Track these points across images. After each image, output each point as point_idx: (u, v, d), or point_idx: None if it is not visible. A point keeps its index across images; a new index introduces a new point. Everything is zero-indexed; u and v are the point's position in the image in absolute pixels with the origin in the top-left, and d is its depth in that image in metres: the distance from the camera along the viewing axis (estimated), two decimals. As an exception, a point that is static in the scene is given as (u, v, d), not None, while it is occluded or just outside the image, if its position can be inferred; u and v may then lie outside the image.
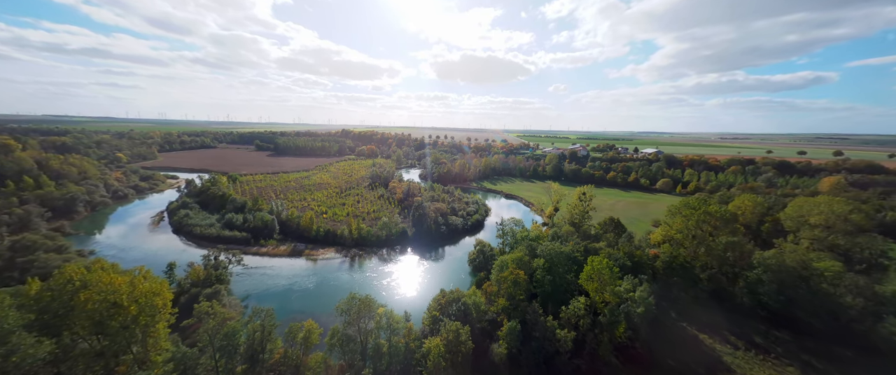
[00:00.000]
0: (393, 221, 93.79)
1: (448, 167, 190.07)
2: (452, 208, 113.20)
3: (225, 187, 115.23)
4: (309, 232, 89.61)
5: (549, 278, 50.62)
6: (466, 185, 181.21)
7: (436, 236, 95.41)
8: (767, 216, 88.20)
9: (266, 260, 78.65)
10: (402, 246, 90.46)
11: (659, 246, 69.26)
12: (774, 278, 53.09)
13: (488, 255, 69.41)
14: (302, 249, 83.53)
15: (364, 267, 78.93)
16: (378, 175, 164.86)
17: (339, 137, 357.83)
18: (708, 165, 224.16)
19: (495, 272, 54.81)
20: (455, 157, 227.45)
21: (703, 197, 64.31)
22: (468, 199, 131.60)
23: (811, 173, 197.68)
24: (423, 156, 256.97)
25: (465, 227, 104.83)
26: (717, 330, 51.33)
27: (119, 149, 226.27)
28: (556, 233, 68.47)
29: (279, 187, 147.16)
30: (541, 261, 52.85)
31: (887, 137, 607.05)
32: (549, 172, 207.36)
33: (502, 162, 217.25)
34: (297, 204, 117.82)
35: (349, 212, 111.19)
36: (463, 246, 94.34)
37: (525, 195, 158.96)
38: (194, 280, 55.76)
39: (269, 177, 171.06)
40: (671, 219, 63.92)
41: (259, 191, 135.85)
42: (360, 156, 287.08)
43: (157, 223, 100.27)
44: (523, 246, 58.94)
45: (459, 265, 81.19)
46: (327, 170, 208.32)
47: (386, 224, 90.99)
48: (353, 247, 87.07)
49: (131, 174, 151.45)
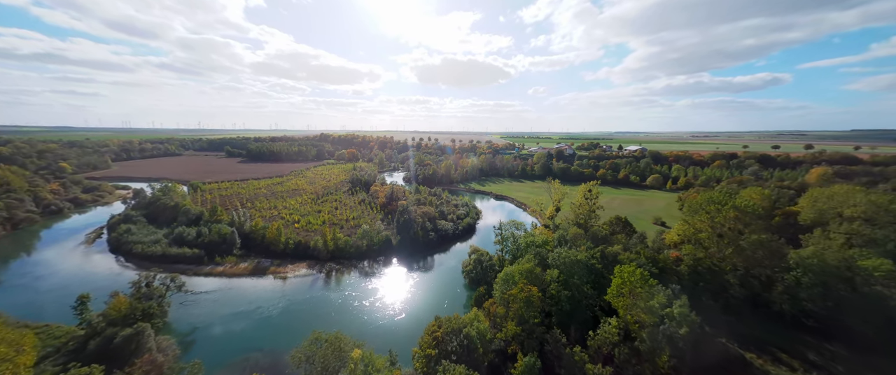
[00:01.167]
0: (375, 229, 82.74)
1: (433, 168, 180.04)
2: (441, 211, 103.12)
3: (179, 197, 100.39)
4: (276, 245, 77.08)
5: (566, 294, 41.38)
6: (454, 187, 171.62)
7: (424, 244, 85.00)
8: (776, 209, 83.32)
9: (222, 282, 65.73)
10: (385, 256, 79.48)
11: (677, 248, 61.72)
12: (817, 280, 46.00)
13: (487, 266, 59.69)
14: (267, 266, 70.99)
15: (342, 285, 67.48)
16: (358, 178, 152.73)
17: (318, 141, 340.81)
18: (693, 160, 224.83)
19: (499, 287, 45.14)
20: (440, 158, 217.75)
21: (727, 191, 57.19)
22: (457, 202, 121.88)
23: (792, 166, 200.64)
24: (407, 158, 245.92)
25: (456, 233, 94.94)
26: (763, 347, 43.52)
27: (65, 158, 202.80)
28: (563, 237, 59.66)
29: (247, 195, 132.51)
30: (554, 273, 43.60)
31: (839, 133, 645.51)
32: (537, 171, 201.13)
33: (489, 162, 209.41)
34: (266, 214, 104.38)
35: (325, 220, 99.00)
36: (455, 254, 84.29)
37: (516, 195, 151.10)
38: (114, 316, 42.92)
39: (236, 185, 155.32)
40: (692, 217, 56.37)
41: (223, 201, 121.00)
42: (340, 160, 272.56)
43: (93, 241, 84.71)
44: (530, 254, 49.58)
45: (452, 276, 71.06)
46: (303, 175, 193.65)
47: (367, 232, 79.77)
48: (328, 261, 75.30)
49: (72, 186, 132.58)
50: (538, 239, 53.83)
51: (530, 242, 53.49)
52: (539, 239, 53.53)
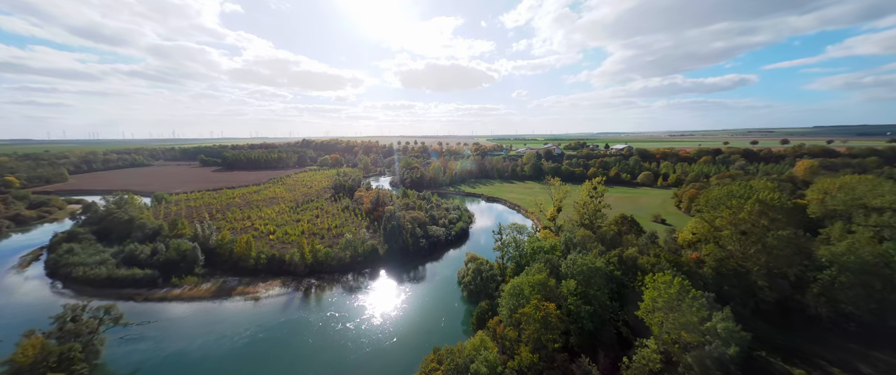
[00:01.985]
0: (359, 238, 74.59)
1: (421, 171, 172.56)
2: (432, 216, 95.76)
3: (137, 209, 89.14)
4: (246, 260, 67.78)
5: (587, 309, 34.85)
6: (443, 190, 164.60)
7: (414, 252, 77.40)
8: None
9: (178, 308, 56.13)
10: (372, 268, 71.42)
11: (693, 247, 56.51)
12: (856, 279, 41.26)
13: (487, 276, 52.70)
14: (234, 286, 61.68)
15: (322, 303, 59.08)
16: (341, 184, 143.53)
17: (299, 148, 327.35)
18: (679, 157, 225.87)
19: (507, 302, 38.28)
20: (428, 161, 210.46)
21: (748, 184, 52.44)
22: (448, 205, 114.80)
23: (775, 159, 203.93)
24: (393, 162, 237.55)
25: (449, 238, 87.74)
26: (811, 360, 38.14)
27: (15, 171, 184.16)
28: (570, 240, 53.44)
29: (219, 205, 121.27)
30: (571, 284, 37.04)
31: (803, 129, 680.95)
32: (527, 172, 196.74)
33: (478, 163, 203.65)
34: (237, 225, 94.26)
35: (304, 230, 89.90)
36: (449, 262, 77.01)
37: (508, 196, 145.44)
38: (22, 363, 33.44)
39: (208, 195, 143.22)
40: (710, 213, 51.24)
41: (190, 212, 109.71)
42: (323, 166, 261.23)
43: (28, 264, 72.91)
44: (540, 263, 42.94)
45: (447, 288, 63.75)
46: (283, 182, 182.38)
47: (350, 242, 71.51)
48: (307, 276, 66.65)
49: (15, 202, 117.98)
50: (545, 244, 47.48)
51: (537, 248, 46.94)
52: (546, 245, 47.19)
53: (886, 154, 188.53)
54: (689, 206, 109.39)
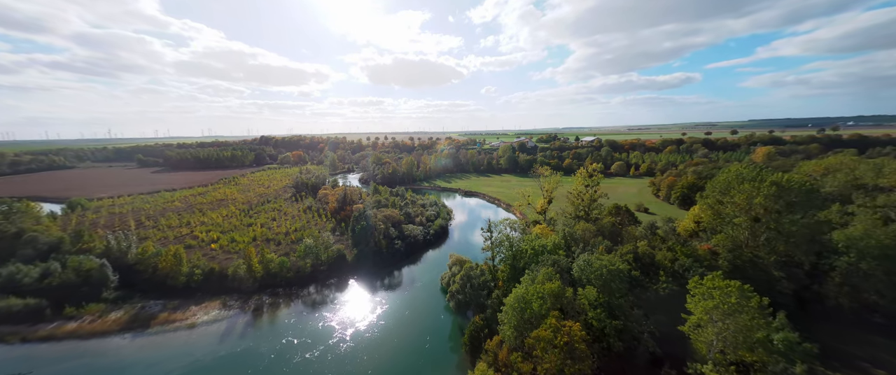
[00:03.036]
0: (322, 242, 63.25)
1: (393, 166, 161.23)
2: (407, 214, 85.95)
3: (30, 220, 70.60)
4: (175, 277, 54.20)
5: (615, 324, 27.40)
6: (417, 186, 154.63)
7: (388, 255, 67.44)
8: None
9: (70, 348, 42.21)
10: (339, 277, 60.67)
11: (696, 237, 51.85)
12: (879, 266, 37.76)
13: (479, 283, 44.25)
14: (155, 312, 48.27)
15: (276, 326, 47.80)
16: (304, 182, 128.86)
17: (257, 145, 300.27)
18: (646, 147, 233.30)
19: (510, 318, 30.09)
20: (400, 156, 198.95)
21: (758, 166, 48.19)
22: (424, 201, 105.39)
23: (732, 148, 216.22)
24: (363, 158, 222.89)
25: (427, 238, 78.54)
26: (850, 362, 33.63)
27: None
28: (570, 234, 46.45)
29: (152, 210, 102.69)
30: (591, 293, 29.47)
31: (740, 123, 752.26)
32: (503, 165, 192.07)
33: (453, 157, 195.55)
34: (171, 233, 78.46)
35: (257, 237, 76.44)
36: (429, 265, 67.96)
37: (485, 190, 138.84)
38: None
39: (140, 199, 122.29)
40: (720, 199, 46.47)
41: (111, 221, 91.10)
42: (285, 164, 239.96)
43: None
44: (547, 264, 35.18)
45: (430, 295, 54.78)
46: (235, 183, 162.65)
47: (311, 247, 60.02)
48: (256, 293, 54.59)
49: None
50: (547, 242, 39.95)
51: (539, 248, 39.15)
52: (548, 243, 39.70)
53: (823, 141, 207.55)
54: (668, 194, 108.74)
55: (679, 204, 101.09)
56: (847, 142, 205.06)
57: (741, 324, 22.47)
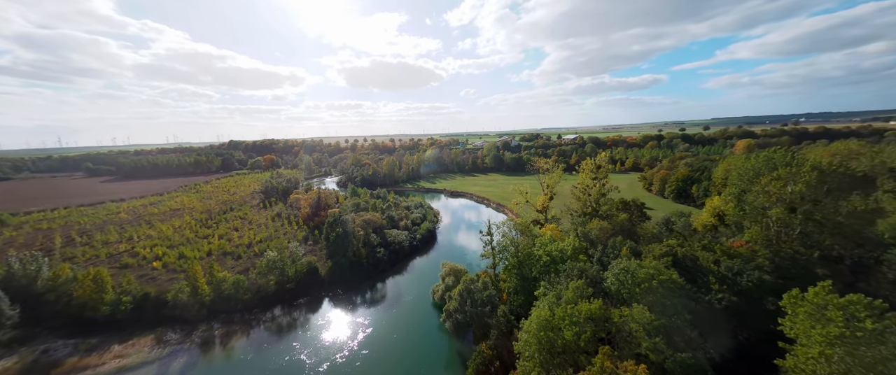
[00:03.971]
0: (290, 254, 53.31)
1: (374, 167, 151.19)
2: (390, 218, 76.96)
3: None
4: (94, 308, 42.81)
5: (681, 359, 20.09)
6: (400, 188, 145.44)
7: (369, 266, 58.37)
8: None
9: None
10: (311, 294, 51.11)
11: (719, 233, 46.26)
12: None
13: (481, 299, 36.16)
14: (60, 357, 36.92)
15: (228, 366, 38.03)
16: (273, 187, 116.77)
17: (225, 150, 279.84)
18: (628, 143, 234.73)
19: (533, 352, 22.24)
20: (381, 157, 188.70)
21: (789, 150, 42.95)
22: (408, 204, 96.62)
23: (709, 142, 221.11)
24: (342, 160, 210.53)
25: (414, 244, 69.90)
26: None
27: None
28: (585, 234, 39.41)
29: (89, 225, 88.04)
30: (642, 313, 22.08)
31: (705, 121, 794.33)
32: (489, 163, 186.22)
33: (437, 157, 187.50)
34: (103, 251, 65.56)
35: (212, 250, 65.15)
36: (417, 275, 59.41)
37: (472, 190, 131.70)
38: None
39: (78, 212, 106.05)
40: (746, 188, 40.94)
41: (32, 238, 76.40)
42: (255, 169, 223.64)
43: None
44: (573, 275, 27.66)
45: (419, 311, 46.34)
46: (198, 190, 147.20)
47: (274, 261, 49.97)
48: (204, 321, 44.11)
49: None
50: (565, 246, 32.48)
51: (556, 252, 31.55)
52: (566, 247, 32.25)
53: (793, 133, 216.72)
54: (661, 188, 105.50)
55: (674, 198, 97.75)
56: (813, 134, 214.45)
57: (879, 357, 15.70)
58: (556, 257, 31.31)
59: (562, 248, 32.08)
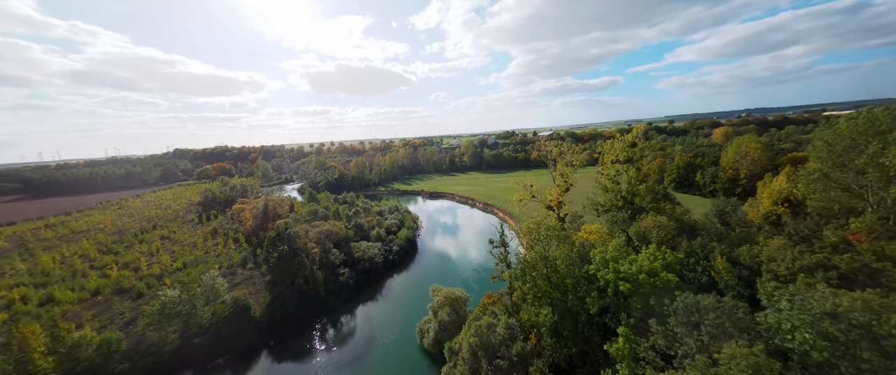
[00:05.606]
0: (206, 288, 36.27)
1: (340, 170, 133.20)
2: (358, 226, 61.10)
3: None
4: None
5: None
6: (371, 191, 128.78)
7: (329, 294, 42.56)
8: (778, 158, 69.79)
9: None
10: (236, 349, 34.51)
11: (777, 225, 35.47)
12: None
13: (499, 339, 22.06)
14: None
15: None
16: (214, 198, 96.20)
17: (168, 160, 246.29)
18: (604, 137, 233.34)
19: None
20: (348, 159, 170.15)
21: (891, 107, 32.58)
22: (381, 208, 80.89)
23: (681, 133, 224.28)
24: (304, 164, 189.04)
25: (389, 259, 54.55)
26: None
27: None
28: (637, 235, 26.72)
29: (-63, 259, 63.74)
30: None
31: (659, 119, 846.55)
32: (468, 161, 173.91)
33: (411, 157, 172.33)
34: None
35: (100, 287, 46.06)
36: (394, 302, 44.24)
37: (454, 190, 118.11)
38: None
39: (-66, 242, 79.52)
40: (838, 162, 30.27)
41: None
42: (203, 179, 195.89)
43: None
44: (719, 326, 14.48)
45: (401, 362, 31.41)
46: (122, 205, 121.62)
47: (172, 305, 32.77)
48: (42, 420, 26.23)
49: None
50: (651, 262, 19.33)
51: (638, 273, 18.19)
52: (658, 267, 18.99)
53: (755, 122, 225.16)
54: (660, 178, 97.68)
55: (675, 188, 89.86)
56: (773, 122, 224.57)
57: None
58: (642, 280, 18.20)
59: (651, 267, 18.76)
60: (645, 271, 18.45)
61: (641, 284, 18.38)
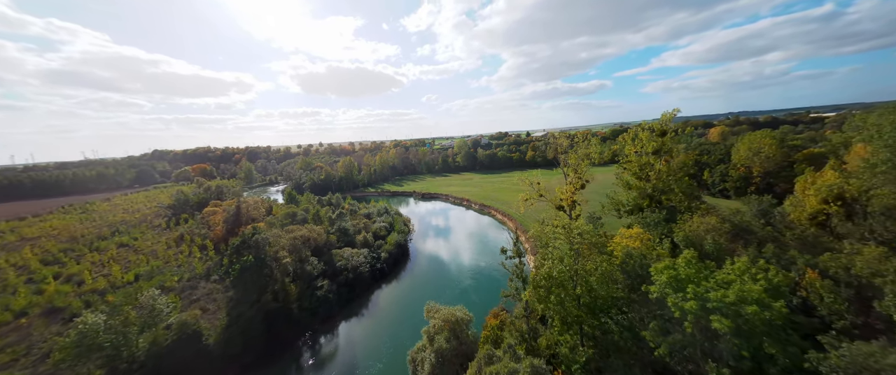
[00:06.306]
0: (146, 310, 29.21)
1: (327, 170, 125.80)
2: (342, 231, 54.38)
3: None
4: None
5: None
6: (360, 193, 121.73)
7: (303, 313, 35.87)
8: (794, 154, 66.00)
9: None
10: (183, 389, 27.35)
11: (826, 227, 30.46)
12: None
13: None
14: None
15: None
16: (186, 200, 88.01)
17: (145, 161, 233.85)
18: (602, 137, 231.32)
19: None
20: (336, 159, 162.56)
21: None
22: (370, 210, 74.19)
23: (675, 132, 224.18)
24: (290, 165, 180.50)
25: (377, 268, 47.98)
26: None
27: None
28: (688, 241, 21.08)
29: None
30: None
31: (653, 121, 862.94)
32: (461, 162, 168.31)
33: (402, 157, 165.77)
34: None
35: (29, 307, 38.39)
36: (382, 320, 37.75)
37: (448, 191, 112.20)
38: None
39: None
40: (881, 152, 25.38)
41: None
42: (181, 180, 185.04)
43: None
44: None
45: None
46: (87, 209, 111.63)
47: (92, 334, 25.64)
48: None
49: None
50: (758, 288, 13.64)
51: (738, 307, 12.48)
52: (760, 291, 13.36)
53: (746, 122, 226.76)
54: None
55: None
56: (764, 123, 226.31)
57: None
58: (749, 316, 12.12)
59: (760, 296, 12.59)
60: (753, 300, 12.66)
61: (748, 321, 12.53)
